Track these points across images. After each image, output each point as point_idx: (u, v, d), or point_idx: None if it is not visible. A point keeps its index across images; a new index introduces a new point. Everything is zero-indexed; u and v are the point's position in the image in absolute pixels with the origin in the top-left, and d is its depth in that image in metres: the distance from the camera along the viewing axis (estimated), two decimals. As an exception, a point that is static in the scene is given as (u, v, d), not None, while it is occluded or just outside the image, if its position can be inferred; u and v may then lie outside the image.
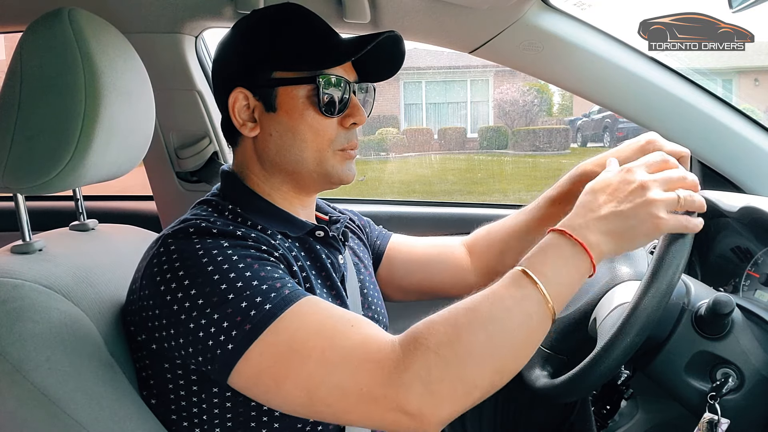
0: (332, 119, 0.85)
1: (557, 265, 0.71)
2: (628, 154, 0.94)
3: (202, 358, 0.69)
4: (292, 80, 0.83)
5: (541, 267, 0.70)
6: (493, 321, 0.66)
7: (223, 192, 0.88)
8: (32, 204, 1.74)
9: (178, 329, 0.70)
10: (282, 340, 0.67)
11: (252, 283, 0.69)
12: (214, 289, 0.68)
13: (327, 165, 0.86)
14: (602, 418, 1.11)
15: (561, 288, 0.70)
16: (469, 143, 8.40)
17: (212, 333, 0.67)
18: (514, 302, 0.68)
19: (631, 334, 0.74)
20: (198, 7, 1.35)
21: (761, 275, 1.05)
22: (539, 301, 0.68)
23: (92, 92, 0.78)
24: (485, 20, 1.25)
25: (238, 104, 0.85)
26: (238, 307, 0.67)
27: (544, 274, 0.69)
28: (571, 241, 0.71)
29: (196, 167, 1.59)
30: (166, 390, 0.76)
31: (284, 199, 0.89)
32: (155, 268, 0.74)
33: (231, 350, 0.67)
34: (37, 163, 0.78)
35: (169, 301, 0.70)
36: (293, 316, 0.68)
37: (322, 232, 0.89)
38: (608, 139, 7.58)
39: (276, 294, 0.69)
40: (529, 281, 0.69)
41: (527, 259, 0.72)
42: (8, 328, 0.69)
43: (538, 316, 0.68)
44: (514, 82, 8.42)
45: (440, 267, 1.13)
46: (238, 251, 0.73)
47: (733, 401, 0.81)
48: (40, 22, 0.79)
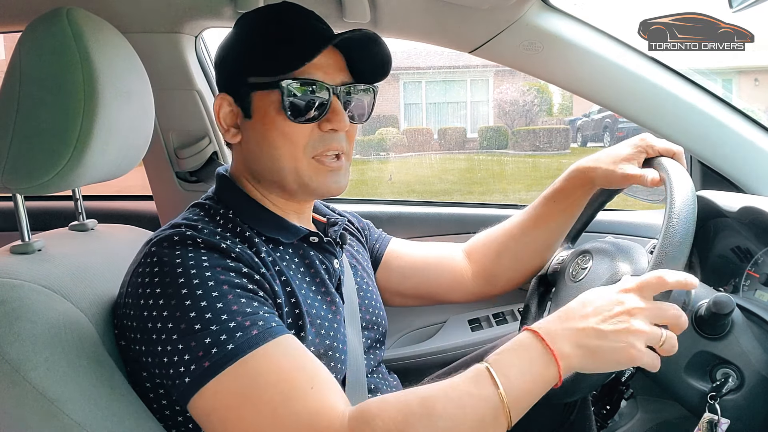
0: (304, 125, 0.82)
1: (523, 369, 0.68)
2: (624, 154, 0.95)
3: (166, 379, 0.70)
4: (263, 85, 0.82)
5: (507, 369, 0.67)
6: (445, 418, 0.64)
7: (218, 195, 0.88)
8: (31, 204, 1.74)
9: (149, 347, 0.71)
10: (237, 385, 0.66)
11: (221, 317, 0.68)
12: (183, 316, 0.68)
13: (304, 176, 0.83)
14: (602, 418, 1.11)
15: (521, 394, 0.67)
16: (469, 143, 8.39)
17: (175, 361, 0.68)
18: (470, 401, 0.66)
19: None
20: (198, 7, 1.35)
21: (761, 275, 1.05)
22: (496, 406, 0.66)
23: (91, 92, 0.78)
24: (485, 20, 1.25)
25: (223, 110, 0.85)
26: (201, 341, 0.67)
27: (507, 377, 0.67)
28: (543, 346, 0.69)
29: (195, 167, 1.59)
30: (157, 394, 0.77)
31: (275, 205, 0.88)
32: (138, 278, 0.74)
33: (188, 383, 0.67)
34: (36, 163, 0.77)
35: (146, 317, 0.71)
36: (255, 360, 0.67)
37: (317, 238, 0.88)
38: (608, 139, 7.57)
39: (242, 334, 0.68)
40: (490, 382, 0.66)
41: (496, 355, 0.70)
42: (7, 328, 0.69)
43: (491, 421, 0.66)
44: (514, 82, 8.41)
45: (438, 272, 1.13)
46: (216, 274, 0.71)
47: (733, 401, 0.81)
48: (39, 21, 0.79)
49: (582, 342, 0.69)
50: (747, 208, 0.98)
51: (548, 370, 0.68)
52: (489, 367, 0.68)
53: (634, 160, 0.95)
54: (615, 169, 0.95)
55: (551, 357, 0.68)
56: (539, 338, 0.69)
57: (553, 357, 0.68)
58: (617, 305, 0.70)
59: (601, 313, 0.70)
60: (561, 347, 0.69)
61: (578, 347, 0.69)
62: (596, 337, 0.69)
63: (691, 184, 0.82)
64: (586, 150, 8.00)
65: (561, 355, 0.68)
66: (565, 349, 0.69)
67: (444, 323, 1.58)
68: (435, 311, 1.58)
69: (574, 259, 1.04)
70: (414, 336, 1.60)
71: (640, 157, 0.95)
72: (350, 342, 0.87)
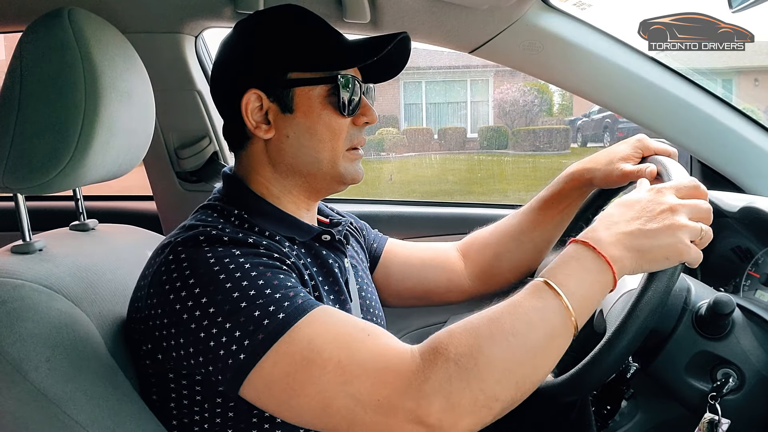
0: (347, 119, 0.85)
1: (580, 278, 0.69)
2: (621, 153, 0.97)
3: (213, 368, 0.68)
4: (309, 81, 0.83)
5: (563, 279, 0.69)
6: (515, 334, 0.65)
7: (227, 196, 0.87)
8: (32, 204, 1.74)
9: (188, 339, 0.69)
10: (296, 350, 0.65)
11: (265, 292, 0.68)
12: (226, 298, 0.67)
13: (340, 166, 0.86)
14: (602, 418, 1.11)
15: (583, 301, 0.69)
16: (469, 143, 8.39)
17: (223, 343, 0.66)
18: (536, 315, 0.66)
19: (640, 318, 0.72)
20: (198, 7, 1.35)
21: (762, 275, 1.05)
22: (562, 314, 0.67)
23: (92, 92, 0.78)
24: (485, 20, 1.25)
25: (251, 106, 0.83)
26: (250, 315, 0.66)
27: (566, 287, 0.68)
28: (594, 254, 0.70)
29: (196, 167, 1.59)
30: (168, 396, 0.76)
31: (292, 203, 0.88)
32: (164, 276, 0.72)
33: (243, 360, 0.65)
34: (37, 163, 0.77)
35: (179, 309, 0.69)
36: (307, 325, 0.66)
37: (329, 236, 0.89)
38: (608, 139, 7.58)
39: (290, 303, 0.67)
40: (551, 293, 0.68)
41: (549, 270, 0.70)
42: (8, 328, 0.69)
43: (560, 330, 0.67)
44: (514, 82, 8.41)
45: (435, 272, 1.13)
46: (250, 259, 0.71)
47: (734, 401, 0.81)
48: (40, 22, 0.79)
49: (632, 244, 0.70)
50: (747, 208, 0.98)
51: (604, 276, 0.70)
52: (548, 280, 0.69)
53: (631, 159, 0.96)
54: (613, 168, 0.96)
55: (604, 263, 0.69)
56: (589, 247, 0.70)
57: (606, 262, 0.69)
58: (658, 204, 0.72)
59: (645, 213, 0.72)
60: (612, 252, 0.70)
61: (628, 250, 0.70)
62: (645, 236, 0.70)
63: (687, 174, 0.84)
64: (586, 150, 8.00)
65: (613, 259, 0.69)
66: (616, 254, 0.70)
67: (444, 323, 1.58)
68: (435, 311, 1.58)
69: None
70: (414, 336, 1.60)
71: (637, 157, 0.96)
72: None
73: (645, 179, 0.83)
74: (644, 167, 0.91)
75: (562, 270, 0.70)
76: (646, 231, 0.71)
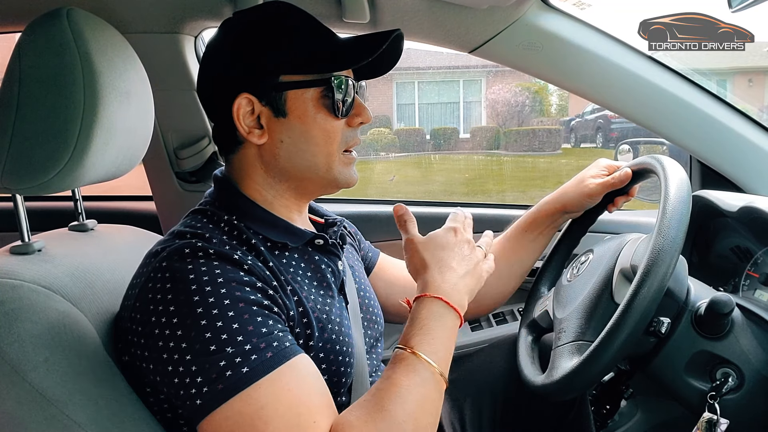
0: (341, 120, 0.84)
1: (442, 336, 0.77)
2: (589, 173, 1.07)
3: (175, 398, 0.69)
4: (302, 83, 0.81)
5: (429, 345, 0.75)
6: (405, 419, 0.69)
7: (218, 200, 0.85)
8: (31, 204, 1.74)
9: (158, 366, 0.70)
10: (249, 411, 0.66)
11: (236, 339, 0.67)
12: (198, 336, 0.67)
13: (335, 171, 0.85)
14: (602, 418, 1.11)
15: (447, 356, 0.77)
16: (461, 143, 8.40)
17: (187, 383, 0.67)
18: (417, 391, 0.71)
19: (635, 317, 0.74)
20: (197, 7, 1.35)
21: (761, 275, 1.05)
22: (437, 380, 0.74)
23: (91, 92, 0.78)
24: (485, 20, 1.25)
25: (242, 111, 0.81)
26: (215, 363, 0.66)
27: (436, 353, 0.75)
28: (447, 307, 0.78)
29: (195, 167, 1.59)
30: (158, 399, 0.76)
31: (284, 206, 0.87)
32: (149, 294, 0.72)
33: (199, 405, 0.66)
34: (35, 163, 0.77)
35: (157, 334, 0.69)
36: (269, 385, 0.67)
37: (322, 240, 0.88)
38: (601, 140, 7.64)
39: (257, 357, 0.67)
40: (424, 364, 0.73)
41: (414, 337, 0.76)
42: (7, 328, 0.69)
43: (436, 394, 0.74)
44: (507, 83, 8.43)
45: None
46: (232, 290, 0.70)
47: (733, 401, 0.81)
48: (38, 22, 0.79)
49: (468, 288, 0.83)
50: (747, 208, 0.98)
51: (456, 323, 0.79)
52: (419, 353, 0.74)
53: (599, 176, 1.06)
54: (584, 186, 1.07)
55: (455, 312, 0.79)
56: (443, 302, 0.79)
57: (456, 312, 0.79)
58: (465, 243, 0.85)
59: (461, 254, 0.84)
60: (456, 299, 0.80)
61: (466, 293, 0.82)
62: (472, 277, 0.83)
63: (682, 169, 0.87)
64: (578, 150, 8.03)
65: (461, 307, 0.80)
66: (459, 300, 0.80)
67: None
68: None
69: (570, 264, 1.06)
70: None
71: (604, 175, 1.06)
72: (356, 343, 0.87)
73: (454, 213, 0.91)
74: (618, 174, 1.02)
75: (425, 335, 0.76)
76: (471, 272, 0.83)
